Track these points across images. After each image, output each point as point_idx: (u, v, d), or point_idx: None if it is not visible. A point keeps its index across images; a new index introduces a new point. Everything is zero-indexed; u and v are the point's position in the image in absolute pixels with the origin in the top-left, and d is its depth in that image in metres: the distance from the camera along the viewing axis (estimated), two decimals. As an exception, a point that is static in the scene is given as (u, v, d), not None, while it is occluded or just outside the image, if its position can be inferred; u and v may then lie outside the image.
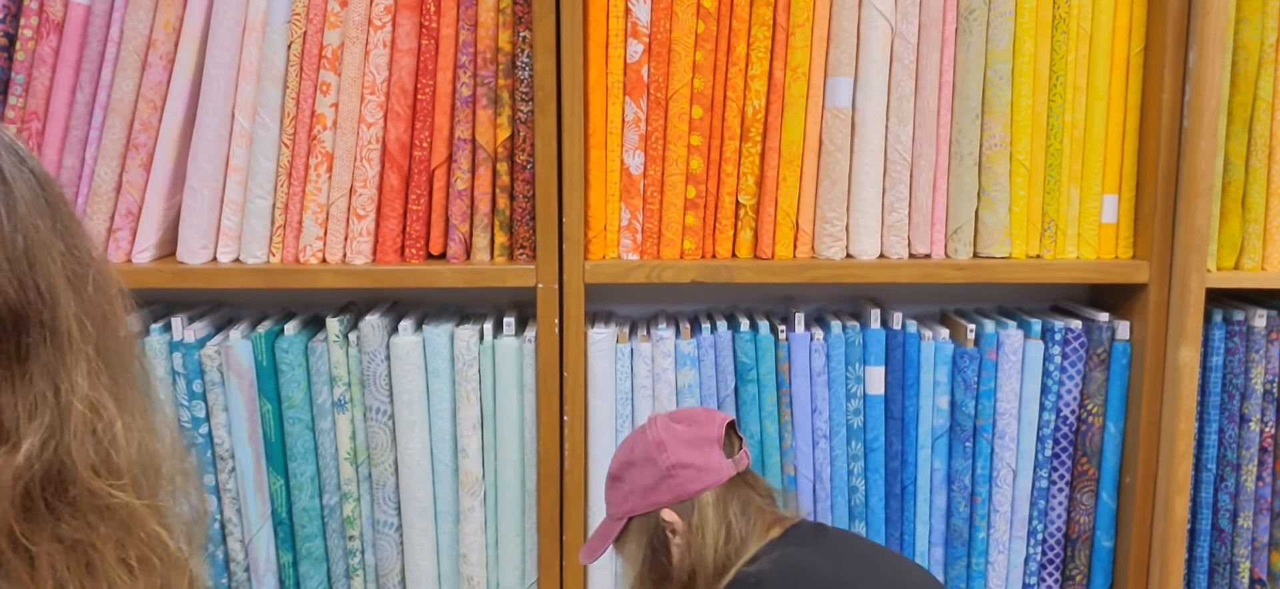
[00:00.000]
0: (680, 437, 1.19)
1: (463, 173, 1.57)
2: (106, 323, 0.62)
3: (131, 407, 0.62)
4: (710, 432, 1.19)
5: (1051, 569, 1.71)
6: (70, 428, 0.57)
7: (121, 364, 0.63)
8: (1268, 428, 1.66)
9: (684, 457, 1.17)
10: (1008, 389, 1.65)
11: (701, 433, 1.19)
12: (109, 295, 0.63)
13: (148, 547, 0.61)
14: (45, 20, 1.52)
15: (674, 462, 1.17)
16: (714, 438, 1.19)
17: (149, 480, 0.63)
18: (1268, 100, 1.59)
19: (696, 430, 1.19)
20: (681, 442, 1.18)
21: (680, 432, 1.19)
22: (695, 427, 1.20)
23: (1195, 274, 1.58)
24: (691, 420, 1.21)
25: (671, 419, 1.21)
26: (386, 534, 1.63)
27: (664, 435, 1.18)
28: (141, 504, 0.60)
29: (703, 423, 1.21)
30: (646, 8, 1.55)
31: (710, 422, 1.21)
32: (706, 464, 1.17)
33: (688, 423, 1.20)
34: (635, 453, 1.20)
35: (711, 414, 1.23)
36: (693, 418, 1.22)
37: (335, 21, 1.53)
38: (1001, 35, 1.58)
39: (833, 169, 1.60)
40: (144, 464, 0.62)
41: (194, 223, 1.55)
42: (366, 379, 1.59)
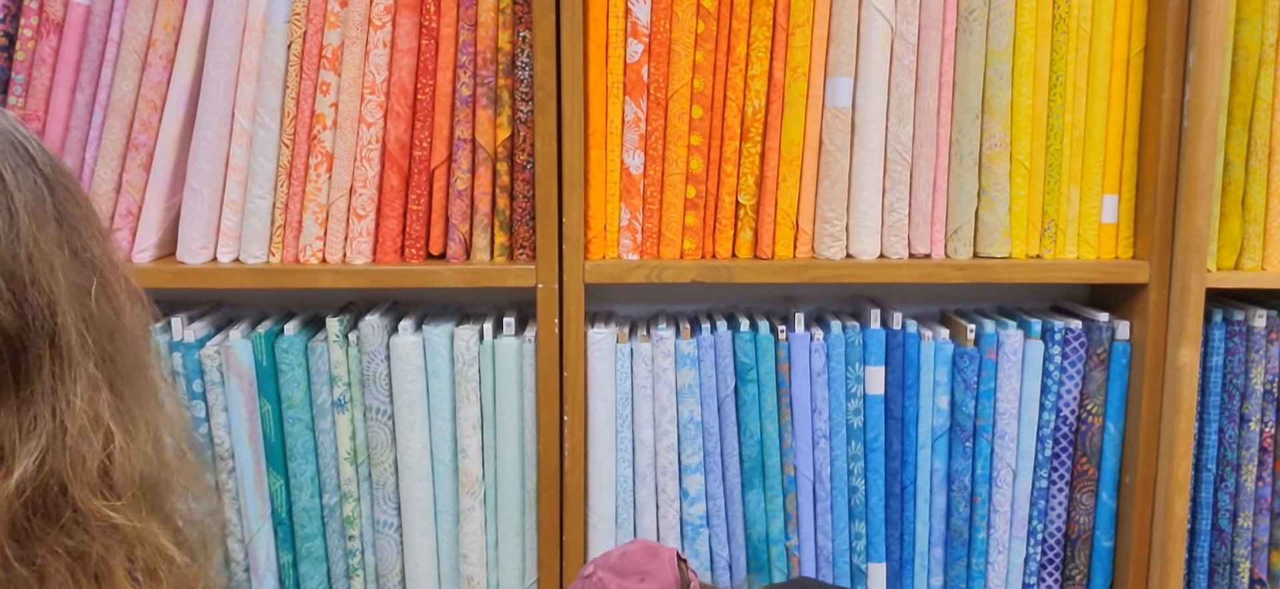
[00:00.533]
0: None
1: (463, 173, 1.57)
2: (113, 330, 0.61)
3: (136, 418, 0.61)
4: (667, 578, 1.18)
5: (1051, 569, 1.71)
6: (67, 448, 0.56)
7: (127, 372, 0.62)
8: (1268, 428, 1.66)
9: None
10: (1008, 389, 1.65)
11: (660, 583, 1.17)
12: (116, 300, 0.62)
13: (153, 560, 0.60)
14: (45, 20, 1.52)
15: None
16: (672, 583, 1.18)
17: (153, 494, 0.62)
18: (1268, 100, 1.59)
19: (654, 583, 1.18)
20: None
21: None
22: (650, 580, 1.17)
23: (1195, 274, 1.58)
24: (644, 574, 1.18)
25: (622, 578, 1.18)
26: (386, 534, 1.63)
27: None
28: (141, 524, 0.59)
29: (656, 573, 1.18)
30: (646, 8, 1.55)
31: (662, 567, 1.19)
32: None
33: (641, 577, 1.18)
34: None
35: (657, 554, 1.19)
36: (645, 569, 1.18)
37: (335, 21, 1.53)
38: (1001, 35, 1.58)
39: (833, 169, 1.60)
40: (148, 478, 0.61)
41: (194, 223, 1.55)
42: (366, 379, 1.59)
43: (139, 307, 0.64)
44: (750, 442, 1.64)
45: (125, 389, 0.61)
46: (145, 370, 0.63)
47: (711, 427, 1.63)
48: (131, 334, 0.62)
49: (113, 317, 0.61)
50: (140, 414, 0.61)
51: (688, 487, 1.64)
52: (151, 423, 0.62)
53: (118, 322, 0.61)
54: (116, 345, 0.60)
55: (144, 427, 0.61)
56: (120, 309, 0.62)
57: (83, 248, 0.59)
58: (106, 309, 0.60)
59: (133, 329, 0.63)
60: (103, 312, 0.60)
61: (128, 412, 0.60)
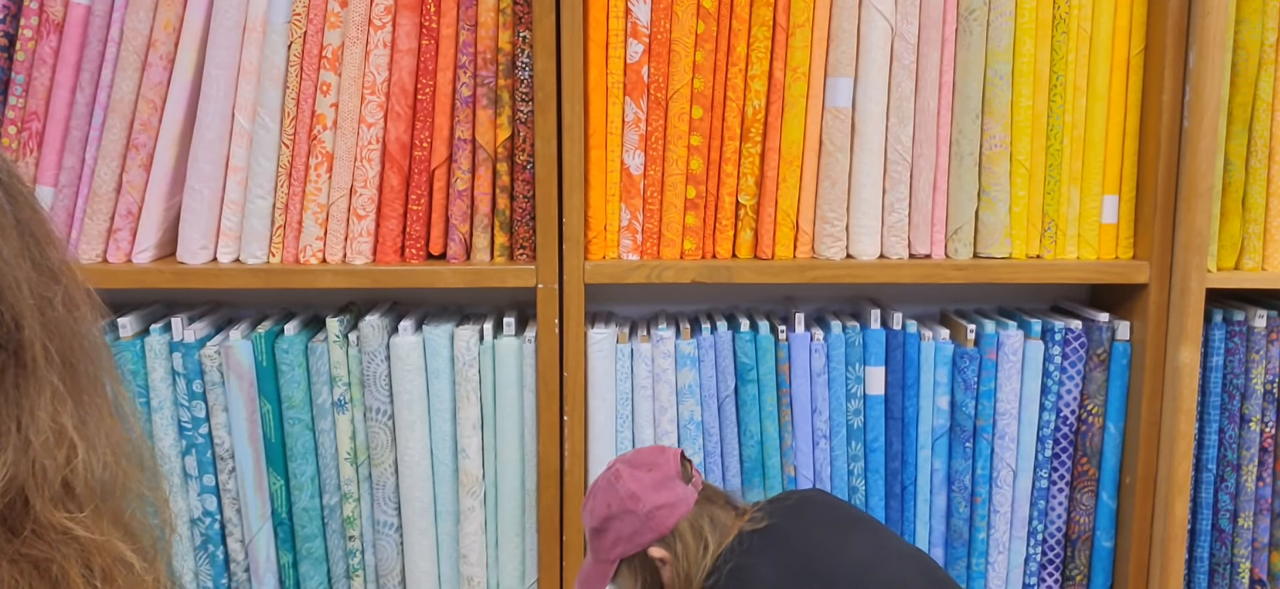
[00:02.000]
0: (647, 483, 1.34)
1: (463, 173, 1.57)
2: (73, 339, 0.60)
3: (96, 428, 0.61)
4: (670, 470, 1.36)
5: (1051, 569, 1.71)
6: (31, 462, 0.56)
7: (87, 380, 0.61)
8: (1268, 428, 1.66)
9: (657, 499, 1.33)
10: (1008, 389, 1.65)
11: (664, 474, 1.35)
12: (77, 308, 0.62)
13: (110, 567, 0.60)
14: (45, 20, 1.52)
15: (650, 506, 1.33)
16: (674, 474, 1.36)
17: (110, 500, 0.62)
18: (1268, 101, 1.59)
19: (659, 473, 1.35)
20: (650, 487, 1.34)
21: (645, 478, 1.35)
22: (656, 470, 1.36)
23: (1195, 274, 1.58)
24: (651, 465, 1.37)
25: (633, 468, 1.36)
26: (386, 534, 1.63)
27: (633, 487, 1.34)
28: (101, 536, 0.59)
29: (661, 464, 1.36)
30: (646, 8, 1.55)
31: (665, 460, 1.37)
32: (676, 499, 1.34)
33: (649, 468, 1.36)
34: (613, 507, 1.35)
35: (664, 452, 1.39)
36: (651, 462, 1.37)
37: (335, 21, 1.53)
38: (1002, 35, 1.58)
39: (833, 169, 1.60)
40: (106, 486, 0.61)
41: (194, 223, 1.55)
42: (366, 379, 1.59)
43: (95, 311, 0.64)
44: (750, 442, 1.64)
45: (87, 398, 0.61)
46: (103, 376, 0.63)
47: (711, 427, 1.63)
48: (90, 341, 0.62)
49: (73, 325, 0.60)
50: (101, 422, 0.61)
51: (688, 487, 1.64)
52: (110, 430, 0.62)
53: (78, 330, 0.61)
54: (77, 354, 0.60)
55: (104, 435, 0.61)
56: (81, 317, 0.61)
57: (43, 257, 0.59)
58: (68, 319, 0.60)
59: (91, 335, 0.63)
60: (65, 321, 0.59)
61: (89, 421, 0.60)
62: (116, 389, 0.66)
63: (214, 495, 1.61)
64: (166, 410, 1.58)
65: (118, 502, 0.63)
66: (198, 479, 1.60)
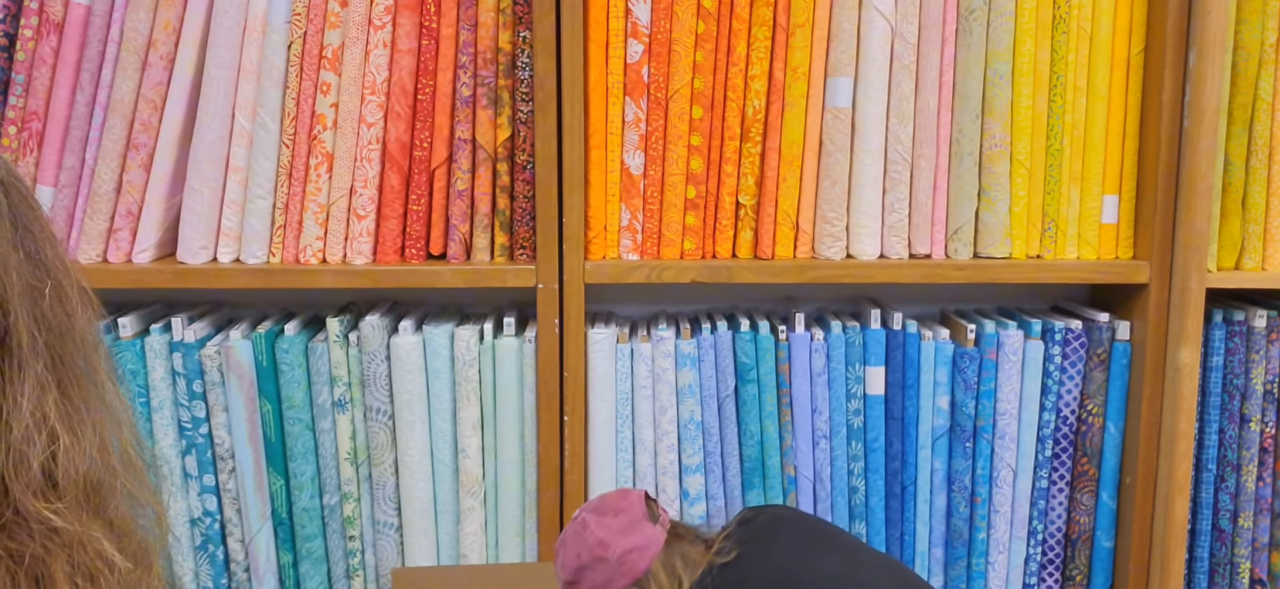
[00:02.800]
0: (615, 528, 1.33)
1: (463, 173, 1.57)
2: (63, 332, 0.61)
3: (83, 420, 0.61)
4: (636, 513, 1.35)
5: (1052, 570, 1.71)
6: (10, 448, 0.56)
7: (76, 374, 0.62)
8: (1268, 428, 1.66)
9: (626, 543, 1.32)
10: (1008, 389, 1.65)
11: (630, 517, 1.34)
12: (68, 303, 0.62)
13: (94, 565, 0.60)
14: (45, 20, 1.52)
15: (621, 551, 1.32)
16: (641, 516, 1.35)
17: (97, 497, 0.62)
18: (1268, 101, 1.59)
19: (626, 517, 1.34)
20: (618, 532, 1.33)
21: (612, 524, 1.34)
22: (623, 515, 1.35)
23: (1195, 274, 1.58)
24: (617, 510, 1.35)
25: (599, 515, 1.35)
26: (386, 534, 1.63)
27: (602, 534, 1.33)
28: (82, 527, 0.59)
29: (626, 508, 1.35)
30: (646, 8, 1.55)
31: (630, 504, 1.36)
32: (645, 541, 1.32)
33: (614, 513, 1.35)
34: (583, 557, 1.33)
35: (627, 495, 1.38)
36: (617, 507, 1.36)
37: (335, 21, 1.53)
38: (1002, 35, 1.58)
39: (833, 169, 1.60)
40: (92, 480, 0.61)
41: (194, 223, 1.55)
42: (366, 379, 1.59)
43: (90, 309, 0.64)
44: (750, 442, 1.64)
45: (73, 391, 0.61)
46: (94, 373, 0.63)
47: (712, 427, 1.63)
48: (82, 336, 0.62)
49: (64, 319, 0.61)
50: (87, 417, 0.61)
51: (688, 487, 1.64)
52: (98, 426, 0.62)
53: (69, 324, 0.61)
54: (67, 347, 0.60)
55: (91, 429, 0.61)
56: (72, 311, 0.62)
57: (36, 250, 0.59)
58: (58, 311, 0.60)
59: (83, 332, 0.63)
60: (55, 313, 0.60)
61: (75, 413, 0.60)
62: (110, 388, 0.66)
63: (214, 495, 1.61)
64: (166, 410, 1.58)
65: (104, 499, 0.62)
66: (198, 479, 1.60)
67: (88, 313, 0.64)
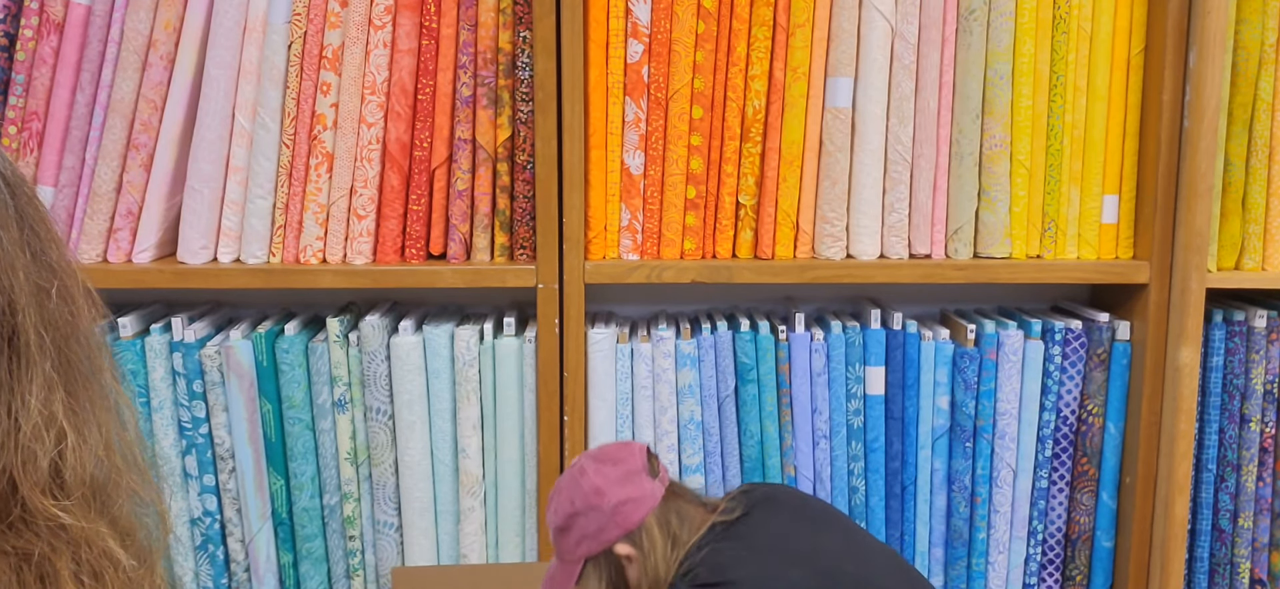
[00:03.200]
0: (612, 477, 1.31)
1: (463, 173, 1.57)
2: (69, 333, 0.61)
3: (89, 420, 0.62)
4: (635, 464, 1.32)
5: (1051, 570, 1.71)
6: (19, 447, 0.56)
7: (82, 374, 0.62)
8: (1268, 428, 1.66)
9: (622, 493, 1.30)
10: (1008, 389, 1.65)
11: (629, 468, 1.32)
12: (74, 303, 0.62)
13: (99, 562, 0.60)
14: (45, 20, 1.52)
15: (616, 501, 1.29)
16: (640, 468, 1.32)
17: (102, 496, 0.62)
18: (1268, 101, 1.59)
19: (624, 467, 1.32)
20: (615, 482, 1.31)
21: (611, 473, 1.31)
22: (622, 465, 1.32)
23: (1195, 274, 1.58)
24: (616, 459, 1.33)
25: (598, 463, 1.33)
26: (386, 534, 1.63)
27: (598, 481, 1.30)
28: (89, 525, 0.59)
29: (626, 459, 1.33)
30: (647, 8, 1.55)
31: (631, 455, 1.34)
32: (641, 493, 1.30)
33: (614, 462, 1.33)
34: (577, 503, 1.31)
35: (629, 446, 1.35)
36: (617, 457, 1.34)
37: (335, 21, 1.53)
38: (1002, 35, 1.58)
39: (833, 169, 1.60)
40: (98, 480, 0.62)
41: (194, 223, 1.55)
42: (367, 379, 1.59)
43: (94, 310, 0.65)
44: (750, 442, 1.64)
45: (80, 391, 0.61)
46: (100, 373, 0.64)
47: (712, 427, 1.63)
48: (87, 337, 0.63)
49: (70, 319, 0.61)
50: (93, 416, 0.62)
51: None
52: (104, 425, 0.63)
53: (75, 324, 0.62)
54: (73, 348, 0.61)
55: (96, 429, 0.62)
56: (78, 312, 0.62)
57: (42, 251, 0.60)
58: (64, 312, 0.61)
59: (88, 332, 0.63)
60: (61, 314, 0.60)
61: (81, 412, 0.61)
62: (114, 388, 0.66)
63: (214, 495, 1.61)
64: (167, 410, 1.58)
65: (109, 497, 0.63)
66: (198, 479, 1.60)
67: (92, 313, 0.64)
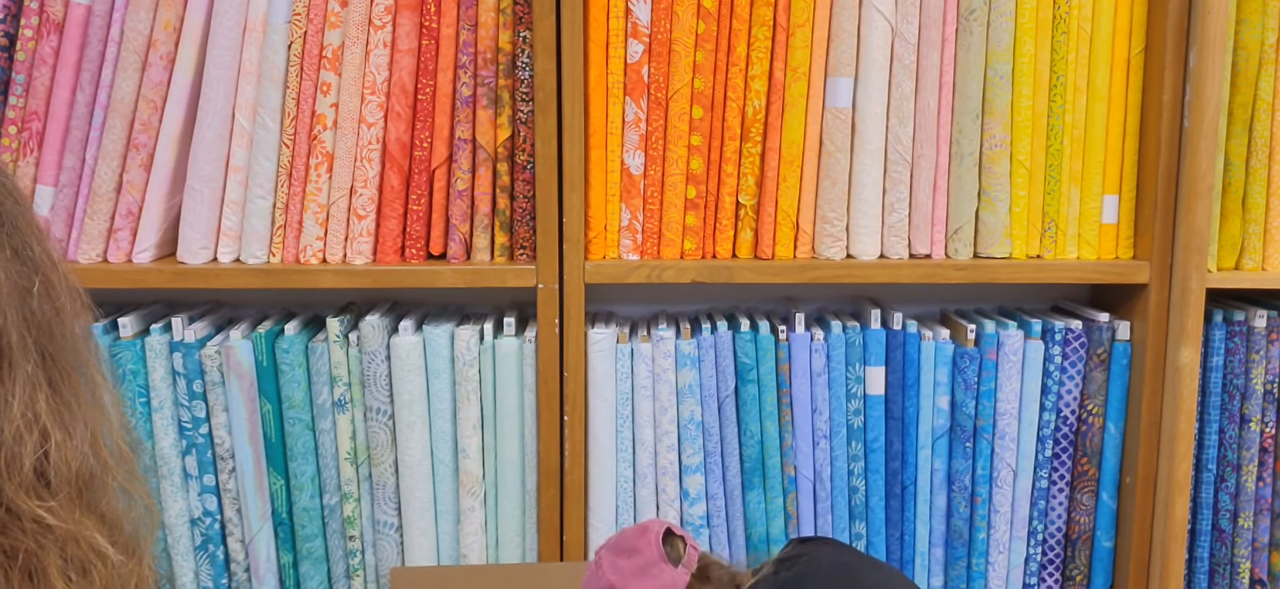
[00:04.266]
0: (627, 571, 1.24)
1: (463, 173, 1.57)
2: (52, 329, 0.61)
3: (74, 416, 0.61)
4: (651, 554, 1.25)
5: (1052, 570, 1.71)
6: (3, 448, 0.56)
7: (66, 369, 0.62)
8: (1268, 428, 1.66)
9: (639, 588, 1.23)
10: (1008, 389, 1.65)
11: (645, 559, 1.24)
12: (57, 299, 0.62)
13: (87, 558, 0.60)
14: (45, 20, 1.52)
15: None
16: (657, 558, 1.24)
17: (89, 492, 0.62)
18: (1268, 101, 1.59)
19: (640, 559, 1.25)
20: (630, 576, 1.24)
21: (625, 566, 1.24)
22: (637, 556, 1.25)
23: (1195, 274, 1.58)
24: (632, 550, 1.26)
25: (614, 554, 1.26)
26: (387, 534, 1.63)
27: (613, 578, 1.24)
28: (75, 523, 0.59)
29: (642, 549, 1.25)
30: (647, 8, 1.55)
31: (647, 543, 1.26)
32: (660, 586, 1.22)
33: (629, 554, 1.26)
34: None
35: (646, 532, 1.28)
36: (633, 546, 1.26)
37: (335, 21, 1.53)
38: (1002, 35, 1.58)
39: (833, 169, 1.60)
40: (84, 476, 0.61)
41: (194, 223, 1.55)
42: (367, 379, 1.59)
43: (79, 304, 0.64)
44: (750, 442, 1.64)
45: (64, 387, 0.61)
46: (85, 367, 0.64)
47: (712, 427, 1.63)
48: (71, 332, 0.63)
49: (53, 315, 0.61)
50: (78, 412, 0.61)
51: (688, 487, 1.64)
52: (90, 420, 0.63)
53: (58, 320, 0.61)
54: (56, 344, 0.60)
55: (82, 424, 0.61)
56: (61, 307, 0.62)
57: (24, 246, 0.59)
58: (47, 308, 0.60)
59: (72, 327, 0.63)
60: (43, 310, 0.60)
61: (66, 410, 0.60)
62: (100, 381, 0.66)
63: (214, 495, 1.61)
64: (166, 410, 1.58)
65: (96, 494, 0.63)
66: (198, 479, 1.60)
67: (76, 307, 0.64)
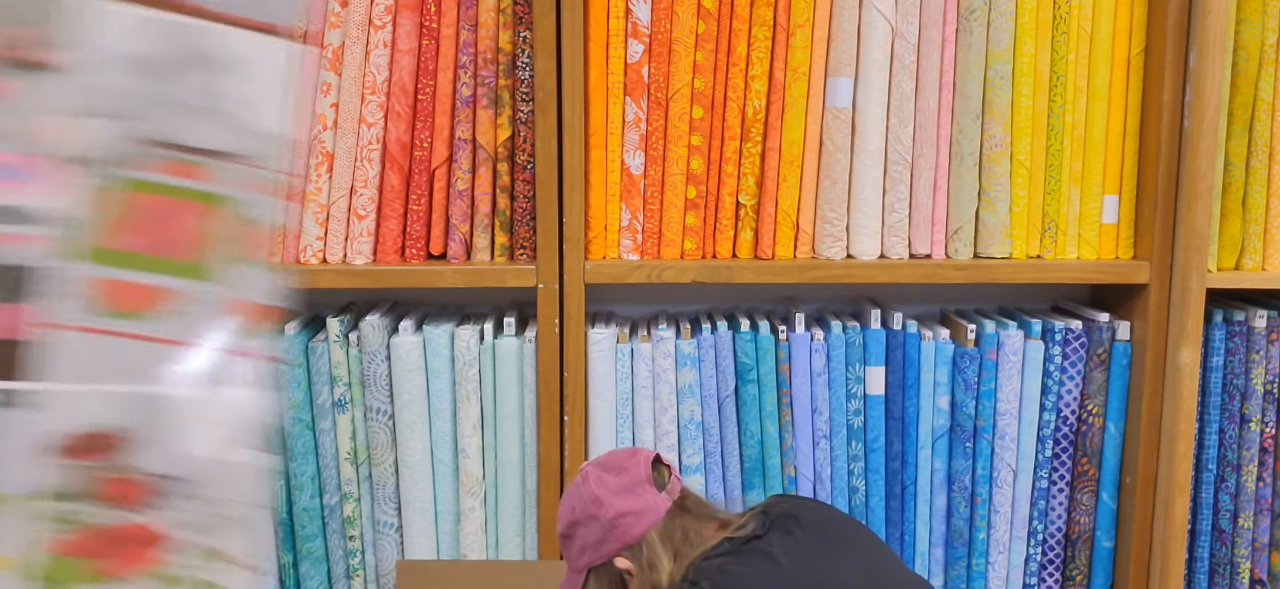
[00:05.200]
0: (613, 487, 1.25)
1: (463, 173, 1.57)
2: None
3: None
4: (639, 474, 1.26)
5: (1052, 570, 1.71)
6: None
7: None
8: (1268, 428, 1.66)
9: (621, 505, 1.24)
10: (1008, 389, 1.65)
11: (632, 478, 1.26)
12: None
13: None
14: (46, 20, 1.52)
15: (614, 513, 1.24)
16: (644, 479, 1.26)
17: None
18: (1268, 101, 1.59)
19: (627, 477, 1.26)
20: (615, 492, 1.25)
21: (612, 482, 1.26)
22: (625, 474, 1.26)
23: (1195, 274, 1.58)
24: (620, 468, 1.27)
25: (602, 470, 1.27)
26: (387, 534, 1.63)
27: (597, 491, 1.25)
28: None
29: (630, 468, 1.27)
30: (647, 8, 1.55)
31: (636, 464, 1.27)
32: (644, 506, 1.24)
33: (617, 471, 1.27)
34: (577, 511, 1.26)
35: (636, 454, 1.29)
36: (621, 465, 1.28)
37: (335, 21, 1.53)
38: (1002, 35, 1.58)
39: (833, 169, 1.60)
40: None
41: (194, 223, 1.55)
42: (367, 379, 1.59)
43: None
44: (750, 442, 1.64)
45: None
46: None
47: (712, 427, 1.63)
48: None
49: None
50: None
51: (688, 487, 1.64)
52: None
53: None
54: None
55: None
56: None
57: None
58: None
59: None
60: None
61: None
62: None
63: (214, 495, 1.61)
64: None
65: None
66: (198, 479, 1.60)
67: None
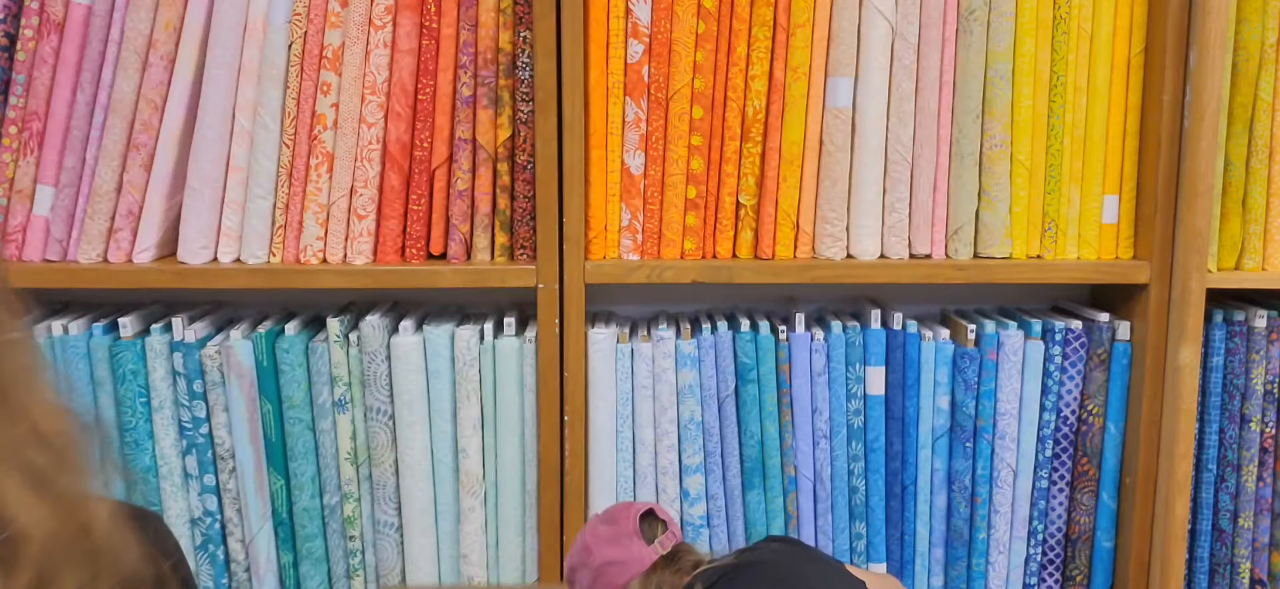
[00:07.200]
0: (603, 537, 1.33)
1: (463, 173, 1.57)
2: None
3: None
4: (627, 526, 1.33)
5: (1052, 570, 1.71)
6: None
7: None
8: (1268, 428, 1.66)
9: (607, 555, 1.31)
10: (1008, 389, 1.65)
11: (620, 530, 1.33)
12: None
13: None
14: (46, 20, 1.52)
15: (601, 561, 1.31)
16: (631, 531, 1.33)
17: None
18: (1268, 101, 1.59)
19: (615, 528, 1.33)
20: (603, 541, 1.32)
21: (603, 532, 1.33)
22: (614, 525, 1.34)
23: (1196, 274, 1.58)
24: (612, 519, 1.35)
25: (599, 520, 1.35)
26: (387, 534, 1.63)
27: (589, 539, 1.33)
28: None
29: (621, 520, 1.34)
30: (647, 8, 1.55)
31: (627, 516, 1.34)
32: (627, 557, 1.31)
33: (609, 521, 1.34)
34: (574, 557, 1.34)
35: (629, 507, 1.36)
36: (614, 516, 1.35)
37: (336, 21, 1.53)
38: (1002, 35, 1.58)
39: (833, 169, 1.60)
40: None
41: (195, 223, 1.55)
42: (367, 379, 1.59)
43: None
44: (751, 442, 1.64)
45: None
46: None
47: (712, 427, 1.63)
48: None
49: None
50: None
51: (688, 487, 1.64)
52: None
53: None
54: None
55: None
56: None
57: None
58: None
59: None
60: None
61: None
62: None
63: (214, 495, 1.61)
64: (167, 410, 1.58)
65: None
66: (198, 479, 1.60)
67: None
